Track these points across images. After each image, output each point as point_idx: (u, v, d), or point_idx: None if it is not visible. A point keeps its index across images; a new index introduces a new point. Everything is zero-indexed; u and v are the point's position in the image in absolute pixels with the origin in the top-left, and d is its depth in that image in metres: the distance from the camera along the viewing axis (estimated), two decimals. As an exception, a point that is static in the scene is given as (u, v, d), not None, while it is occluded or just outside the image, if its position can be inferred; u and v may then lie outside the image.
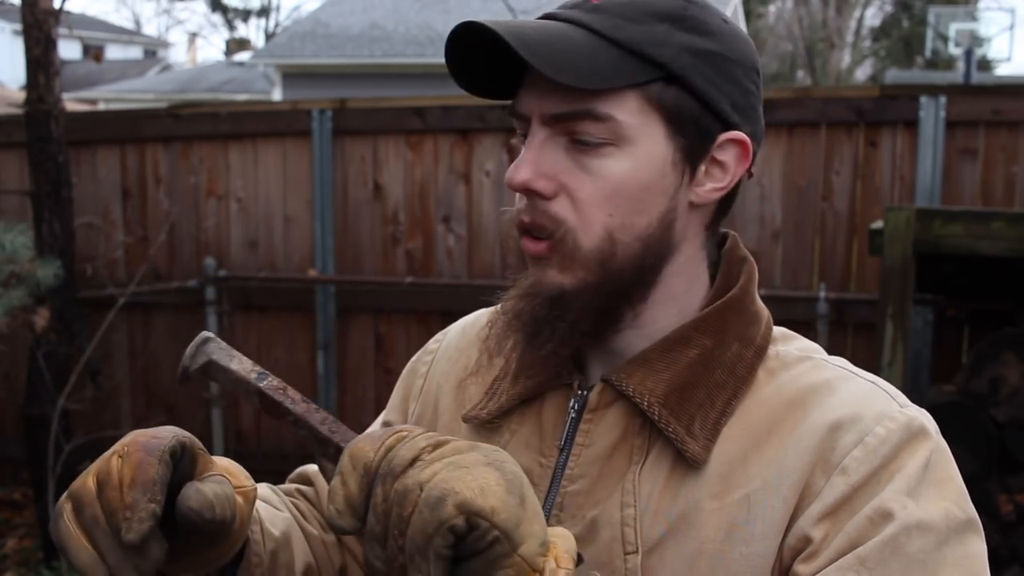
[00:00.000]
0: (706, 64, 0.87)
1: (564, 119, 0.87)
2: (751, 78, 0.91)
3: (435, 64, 14.51)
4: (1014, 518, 3.39)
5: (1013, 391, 3.43)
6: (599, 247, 0.87)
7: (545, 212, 0.88)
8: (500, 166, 4.64)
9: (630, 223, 0.88)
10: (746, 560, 0.83)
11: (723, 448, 0.87)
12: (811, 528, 0.82)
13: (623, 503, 0.88)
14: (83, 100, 19.72)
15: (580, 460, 0.91)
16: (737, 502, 0.85)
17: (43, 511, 4.19)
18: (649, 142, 0.87)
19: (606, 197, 0.87)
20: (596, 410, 0.92)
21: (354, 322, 4.87)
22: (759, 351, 0.91)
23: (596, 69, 0.84)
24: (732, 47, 0.90)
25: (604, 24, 0.86)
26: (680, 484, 0.87)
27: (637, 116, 0.86)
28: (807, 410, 0.86)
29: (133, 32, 38.71)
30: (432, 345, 1.14)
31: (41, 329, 3.99)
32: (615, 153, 0.86)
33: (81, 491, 0.82)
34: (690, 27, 0.87)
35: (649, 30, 0.86)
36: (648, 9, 0.87)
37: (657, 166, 0.88)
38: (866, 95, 4.31)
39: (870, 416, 0.84)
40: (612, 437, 0.90)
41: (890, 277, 2.92)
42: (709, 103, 0.88)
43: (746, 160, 0.91)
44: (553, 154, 0.88)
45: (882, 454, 0.82)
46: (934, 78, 17.11)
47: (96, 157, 5.09)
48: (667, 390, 0.89)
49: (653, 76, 0.86)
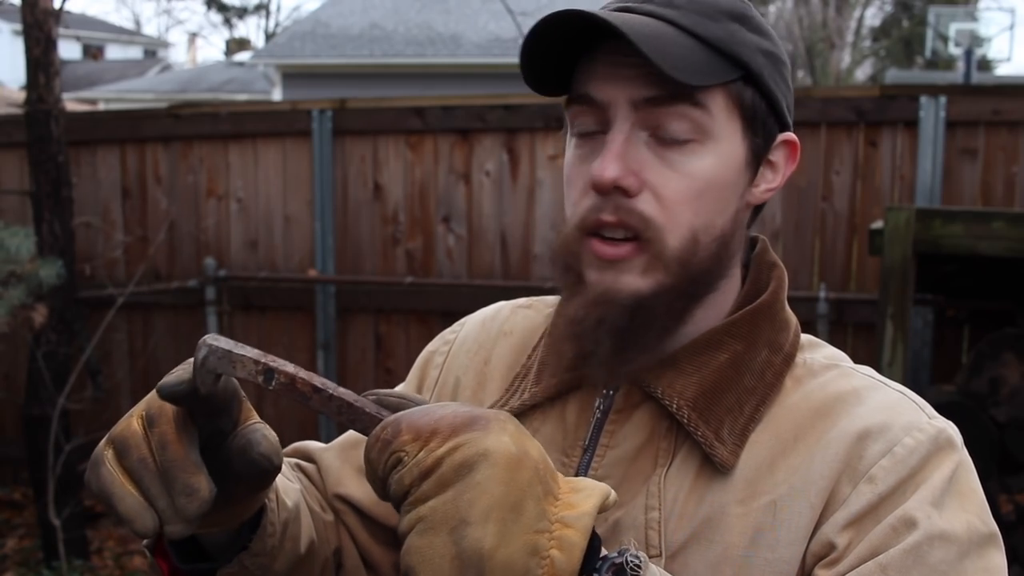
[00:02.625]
0: (771, 65, 0.88)
1: (659, 103, 0.84)
2: (791, 77, 0.93)
3: (435, 64, 14.52)
4: (1014, 518, 3.39)
5: (1013, 391, 3.43)
6: (684, 247, 0.85)
7: (631, 210, 0.84)
8: (500, 166, 4.64)
9: (712, 223, 0.86)
10: (770, 566, 0.82)
11: (750, 454, 0.86)
12: (835, 535, 0.81)
13: (648, 506, 0.86)
14: (83, 100, 19.71)
15: (604, 461, 0.90)
16: (763, 508, 0.84)
17: (43, 511, 4.19)
18: (730, 141, 0.86)
19: (694, 196, 0.85)
20: (622, 411, 0.91)
21: (354, 322, 4.87)
22: (787, 358, 0.91)
23: (697, 66, 0.83)
24: (780, 48, 0.91)
25: (688, 21, 0.85)
26: (706, 489, 0.86)
27: (724, 113, 0.86)
28: (835, 418, 0.86)
29: (133, 32, 38.71)
30: (449, 335, 1.12)
31: (39, 326, 3.98)
32: (700, 150, 0.85)
33: (126, 433, 0.78)
34: (753, 27, 0.88)
35: (727, 28, 0.86)
36: (717, 7, 0.87)
37: (736, 165, 0.87)
38: (866, 95, 4.31)
39: (899, 426, 0.84)
40: (638, 439, 0.89)
41: (890, 277, 2.92)
42: (775, 104, 0.89)
43: (794, 160, 0.92)
44: (636, 149, 0.85)
45: (910, 465, 0.82)
46: (934, 78, 17.09)
47: (96, 157, 5.09)
48: (696, 393, 0.87)
49: (737, 75, 0.86)
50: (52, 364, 4.22)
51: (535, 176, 4.62)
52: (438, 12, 15.96)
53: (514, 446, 0.69)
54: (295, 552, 0.95)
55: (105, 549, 4.63)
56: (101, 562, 4.49)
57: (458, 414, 0.71)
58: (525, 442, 0.71)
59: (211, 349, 0.77)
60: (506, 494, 0.68)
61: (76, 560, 4.27)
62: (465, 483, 0.68)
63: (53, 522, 4.08)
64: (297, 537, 0.95)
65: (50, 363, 4.21)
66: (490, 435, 0.70)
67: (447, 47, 14.89)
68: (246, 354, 0.78)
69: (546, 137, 4.58)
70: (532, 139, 4.60)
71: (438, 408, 0.73)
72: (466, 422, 0.71)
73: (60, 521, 4.09)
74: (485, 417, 0.71)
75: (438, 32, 15.37)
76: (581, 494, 0.71)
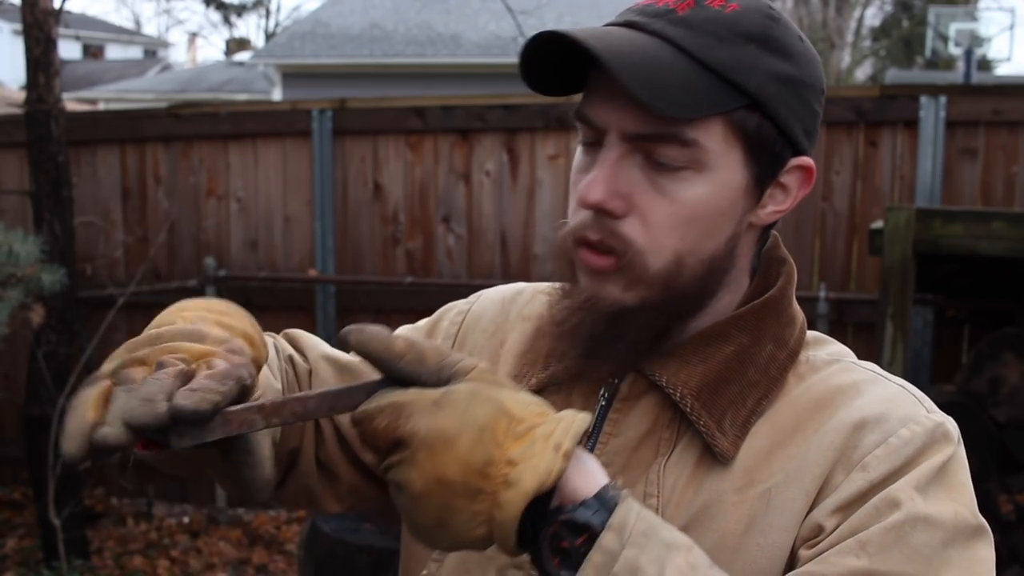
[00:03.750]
0: (787, 90, 0.86)
1: (646, 139, 0.84)
2: (819, 100, 0.90)
3: (435, 64, 14.52)
4: (1014, 518, 3.39)
5: (1013, 391, 3.43)
6: (666, 269, 0.86)
7: (614, 232, 0.85)
8: (500, 166, 4.64)
9: (699, 247, 0.86)
10: (762, 551, 0.84)
11: (750, 444, 0.87)
12: (824, 519, 0.82)
13: (646, 493, 0.88)
14: (83, 100, 19.72)
15: (607, 449, 0.91)
16: (759, 496, 0.85)
17: (43, 511, 4.19)
18: (728, 169, 0.85)
19: (680, 222, 0.85)
20: (627, 400, 0.91)
21: (354, 322, 4.84)
22: (792, 354, 0.91)
23: (688, 96, 0.81)
24: (808, 71, 0.88)
25: (694, 43, 0.83)
26: (704, 478, 0.87)
27: (720, 143, 0.84)
28: (834, 409, 0.86)
29: (133, 32, 38.71)
30: (463, 305, 1.11)
31: (37, 326, 3.98)
32: (693, 178, 0.84)
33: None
34: (775, 49, 0.85)
35: (737, 53, 0.83)
36: (735, 28, 0.84)
37: (732, 193, 0.86)
38: (866, 95, 4.32)
39: (896, 418, 0.84)
40: (641, 428, 0.90)
41: (890, 277, 2.92)
42: (785, 130, 0.86)
43: (808, 184, 0.91)
44: (629, 171, 0.85)
45: (904, 455, 0.82)
46: (934, 78, 17.09)
47: (96, 157, 5.09)
48: (700, 383, 0.88)
49: (740, 103, 0.84)
50: (52, 364, 4.22)
51: (535, 176, 4.62)
52: (438, 12, 15.96)
53: (421, 482, 0.72)
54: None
55: (105, 549, 4.63)
56: (101, 562, 4.49)
57: (388, 431, 0.74)
58: (438, 466, 0.72)
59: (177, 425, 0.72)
60: (425, 518, 0.74)
61: (76, 560, 4.27)
62: (399, 502, 0.75)
63: (53, 522, 4.08)
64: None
65: (50, 363, 4.21)
66: (403, 469, 0.73)
67: (447, 47, 14.89)
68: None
69: (546, 137, 4.58)
70: (532, 139, 4.60)
71: (381, 414, 0.75)
72: (391, 445, 0.74)
73: (60, 521, 4.09)
74: (403, 441, 0.73)
75: (438, 32, 15.37)
76: (513, 489, 0.72)
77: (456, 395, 0.74)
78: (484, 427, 0.73)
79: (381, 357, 0.77)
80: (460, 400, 0.74)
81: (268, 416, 0.76)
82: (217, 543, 4.72)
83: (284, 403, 0.77)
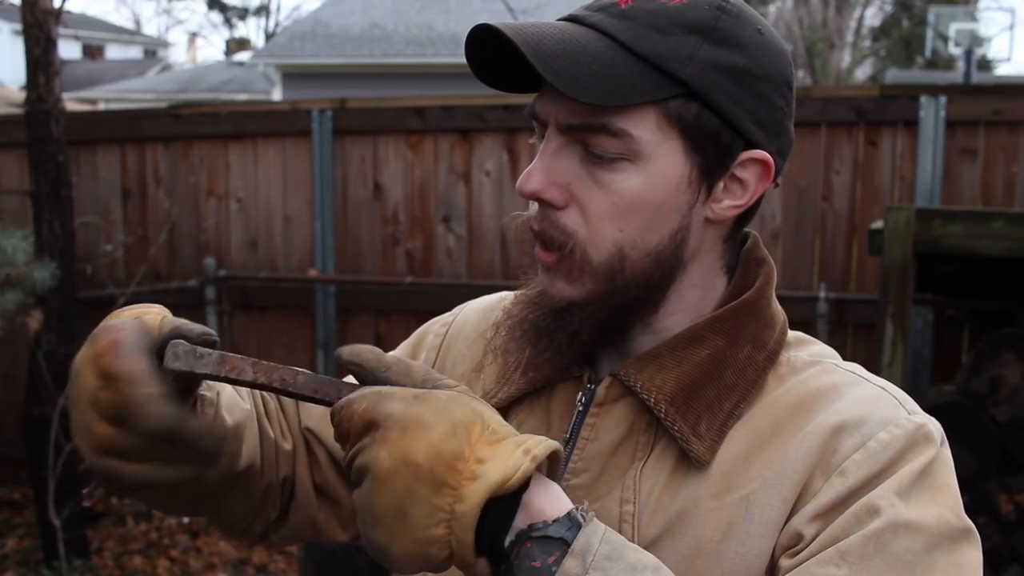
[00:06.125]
0: (732, 81, 0.84)
1: (578, 130, 0.85)
2: (780, 93, 0.88)
3: (435, 64, 14.52)
4: (1014, 518, 3.39)
5: (1013, 391, 3.43)
6: (608, 262, 0.86)
7: (555, 223, 0.87)
8: (500, 166, 4.64)
9: (641, 239, 0.86)
10: (740, 559, 0.83)
11: (727, 449, 0.86)
12: (803, 526, 0.81)
13: (623, 499, 0.87)
14: (83, 100, 19.71)
15: (584, 454, 0.90)
16: (736, 502, 0.84)
17: (43, 511, 4.19)
18: (665, 159, 0.85)
19: (617, 213, 0.85)
20: (603, 404, 0.91)
21: (354, 322, 4.87)
22: (771, 355, 0.90)
23: (614, 84, 0.81)
24: (762, 61, 0.86)
25: (629, 34, 0.83)
26: (681, 483, 0.86)
27: (655, 132, 0.84)
28: (812, 413, 0.86)
29: (133, 32, 38.71)
30: (447, 318, 1.14)
31: (35, 331, 3.98)
32: (629, 168, 0.84)
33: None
34: (720, 40, 0.84)
35: (675, 43, 0.83)
36: (678, 19, 0.83)
37: (671, 184, 0.85)
38: (866, 95, 4.32)
39: (875, 421, 0.83)
40: (617, 433, 0.90)
41: (890, 277, 2.92)
42: (731, 121, 0.85)
43: (767, 179, 0.90)
44: (568, 162, 0.86)
45: (883, 459, 0.81)
46: (934, 78, 17.08)
47: (96, 157, 5.09)
48: (675, 388, 0.88)
49: (674, 92, 0.83)
50: (52, 364, 4.22)
51: (535, 176, 4.61)
52: (438, 12, 15.97)
53: (388, 459, 0.73)
54: (231, 468, 0.96)
55: (105, 549, 4.64)
56: (101, 562, 4.49)
57: (365, 413, 0.76)
58: (409, 446, 0.73)
59: (175, 356, 0.85)
60: (386, 504, 0.74)
61: (76, 560, 4.27)
62: (360, 490, 0.76)
63: (53, 522, 4.08)
64: (236, 456, 0.96)
65: (50, 363, 4.21)
66: (371, 449, 0.74)
67: (447, 47, 14.89)
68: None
69: (546, 137, 4.58)
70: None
71: (362, 399, 0.77)
72: (364, 427, 0.76)
73: (60, 521, 4.09)
74: (377, 423, 0.75)
75: (438, 32, 15.38)
76: (478, 482, 0.72)
77: (437, 394, 0.76)
78: (460, 424, 0.74)
79: (371, 365, 0.80)
80: (440, 398, 0.76)
81: (258, 373, 0.82)
82: (217, 543, 4.72)
83: (276, 368, 0.82)
